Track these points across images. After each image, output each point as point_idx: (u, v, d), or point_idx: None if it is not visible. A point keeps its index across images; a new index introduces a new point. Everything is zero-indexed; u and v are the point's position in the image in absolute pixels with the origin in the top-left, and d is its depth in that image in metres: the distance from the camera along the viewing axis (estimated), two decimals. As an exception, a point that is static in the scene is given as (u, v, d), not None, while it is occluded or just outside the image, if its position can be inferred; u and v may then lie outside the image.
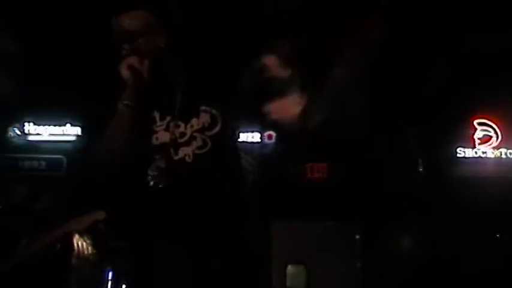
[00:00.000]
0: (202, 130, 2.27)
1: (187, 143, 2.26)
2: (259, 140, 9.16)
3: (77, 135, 8.81)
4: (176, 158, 2.24)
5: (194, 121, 2.28)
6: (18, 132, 8.80)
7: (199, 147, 2.26)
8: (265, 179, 7.97)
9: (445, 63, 8.21)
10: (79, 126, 8.79)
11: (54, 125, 8.95)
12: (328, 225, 8.79)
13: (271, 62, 2.24)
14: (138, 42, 2.25)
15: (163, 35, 2.32)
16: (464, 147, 9.28)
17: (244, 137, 8.97)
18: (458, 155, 9.22)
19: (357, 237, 8.83)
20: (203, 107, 2.29)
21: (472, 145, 9.33)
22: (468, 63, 8.28)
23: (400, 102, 8.25)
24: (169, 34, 2.36)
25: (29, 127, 8.92)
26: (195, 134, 2.27)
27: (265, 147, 9.17)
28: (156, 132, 2.28)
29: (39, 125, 8.96)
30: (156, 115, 2.30)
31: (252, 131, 9.03)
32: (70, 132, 8.95)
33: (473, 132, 9.34)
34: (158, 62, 2.29)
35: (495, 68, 8.28)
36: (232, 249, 2.26)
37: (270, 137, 9.18)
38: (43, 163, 8.72)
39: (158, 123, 2.29)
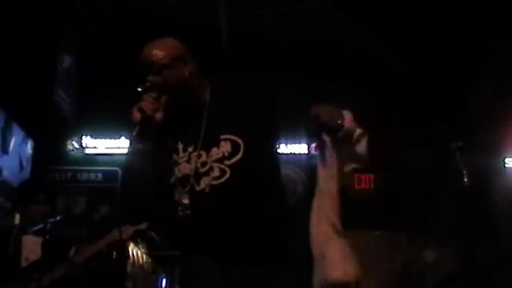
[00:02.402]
0: (221, 159, 2.22)
1: (207, 173, 2.23)
2: (307, 152, 9.15)
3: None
4: (198, 189, 2.22)
5: (214, 151, 2.23)
6: (77, 146, 8.96)
7: (215, 178, 2.21)
8: (312, 189, 8.00)
9: (490, 72, 8.16)
10: (133, 139, 8.84)
11: (110, 139, 9.06)
12: (375, 234, 8.85)
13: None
14: (162, 75, 2.22)
15: (190, 63, 2.30)
16: (512, 158, 9.19)
17: (292, 148, 9.06)
18: (506, 166, 9.12)
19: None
20: (224, 136, 2.24)
21: (520, 156, 9.21)
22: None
23: (445, 114, 8.24)
24: (196, 61, 2.32)
25: (86, 141, 9.06)
26: (213, 165, 2.23)
27: (312, 158, 9.13)
28: (179, 164, 2.28)
29: (95, 139, 9.09)
30: (180, 147, 2.30)
31: (300, 143, 9.01)
32: (124, 145, 8.91)
33: (521, 142, 9.22)
34: (180, 92, 2.26)
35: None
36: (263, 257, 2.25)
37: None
38: (99, 175, 8.86)
39: (181, 154, 2.29)
